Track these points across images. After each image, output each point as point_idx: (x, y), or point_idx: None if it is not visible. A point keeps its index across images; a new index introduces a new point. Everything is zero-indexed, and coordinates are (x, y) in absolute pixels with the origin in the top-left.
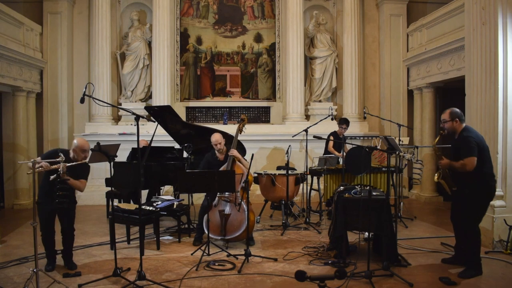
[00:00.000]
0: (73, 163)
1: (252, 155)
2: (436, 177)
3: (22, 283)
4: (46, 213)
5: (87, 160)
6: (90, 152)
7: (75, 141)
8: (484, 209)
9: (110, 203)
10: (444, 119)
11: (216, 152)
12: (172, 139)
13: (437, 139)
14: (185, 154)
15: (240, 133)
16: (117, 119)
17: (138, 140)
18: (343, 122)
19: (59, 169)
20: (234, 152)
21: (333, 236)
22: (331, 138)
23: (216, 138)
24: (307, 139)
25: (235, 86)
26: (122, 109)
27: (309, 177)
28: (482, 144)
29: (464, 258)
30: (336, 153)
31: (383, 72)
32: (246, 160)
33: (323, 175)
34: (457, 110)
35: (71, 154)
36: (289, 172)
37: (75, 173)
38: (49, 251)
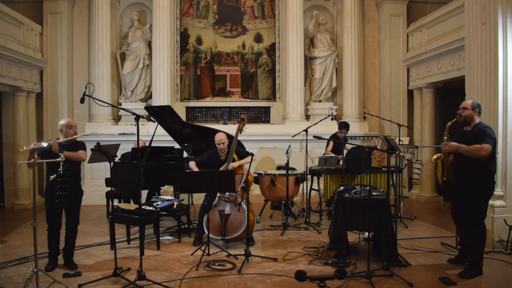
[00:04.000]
0: (65, 139)
1: (252, 154)
2: (435, 157)
3: (22, 283)
4: (52, 207)
5: (77, 135)
6: (90, 151)
7: (60, 122)
8: (487, 205)
9: (110, 203)
10: (465, 106)
11: (219, 151)
12: (172, 139)
13: (453, 121)
14: (185, 154)
15: (240, 133)
16: (117, 119)
17: (138, 140)
18: (343, 126)
19: (59, 169)
20: (233, 165)
21: (333, 236)
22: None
23: (220, 137)
24: (307, 139)
25: (235, 86)
26: (122, 109)
27: (309, 177)
28: (495, 140)
29: (468, 257)
30: (334, 155)
31: (383, 72)
32: (246, 151)
33: (323, 175)
34: (478, 103)
35: (61, 136)
36: (289, 172)
37: (72, 150)
38: (52, 249)
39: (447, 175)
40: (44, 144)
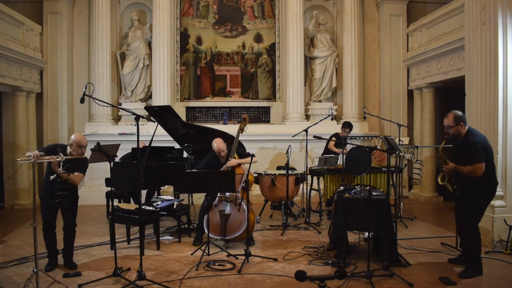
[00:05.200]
0: (70, 157)
1: (252, 155)
2: (439, 180)
3: (22, 283)
4: (47, 208)
5: (84, 155)
6: (90, 151)
7: (72, 136)
8: (484, 210)
9: (110, 203)
10: (449, 125)
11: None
12: (172, 139)
13: (443, 143)
14: (185, 154)
15: (242, 133)
16: (117, 119)
17: (138, 140)
18: (347, 126)
19: (59, 169)
20: (232, 162)
21: (333, 236)
22: (333, 138)
23: (219, 147)
24: (307, 139)
25: (235, 86)
26: (122, 109)
27: (309, 177)
28: (487, 146)
29: (468, 257)
30: (336, 150)
31: (383, 72)
32: (247, 153)
33: (323, 175)
34: (460, 113)
35: (68, 150)
36: (289, 172)
37: (72, 167)
38: (50, 249)
39: (457, 185)
40: (45, 158)
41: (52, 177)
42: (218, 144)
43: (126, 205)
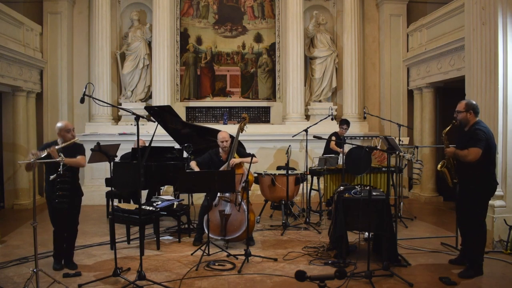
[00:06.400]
0: (63, 144)
1: (253, 155)
2: (439, 166)
3: (22, 283)
4: (53, 207)
5: (76, 139)
6: (90, 151)
7: (58, 124)
8: (487, 206)
9: (110, 203)
10: (459, 109)
11: (220, 150)
12: (172, 139)
13: (448, 128)
14: (185, 154)
15: (242, 132)
16: (117, 119)
17: (138, 140)
18: (344, 122)
19: (59, 169)
20: (234, 161)
21: (333, 236)
22: (333, 138)
23: (223, 135)
24: (307, 139)
25: (235, 86)
26: (122, 109)
27: (309, 177)
28: (491, 141)
29: (468, 257)
30: (338, 149)
31: (383, 72)
32: (248, 153)
33: (323, 175)
34: (474, 102)
35: (59, 140)
36: (289, 172)
37: (71, 154)
38: (57, 249)
39: (456, 177)
40: (43, 155)
41: (52, 177)
42: (223, 134)
43: (126, 205)
